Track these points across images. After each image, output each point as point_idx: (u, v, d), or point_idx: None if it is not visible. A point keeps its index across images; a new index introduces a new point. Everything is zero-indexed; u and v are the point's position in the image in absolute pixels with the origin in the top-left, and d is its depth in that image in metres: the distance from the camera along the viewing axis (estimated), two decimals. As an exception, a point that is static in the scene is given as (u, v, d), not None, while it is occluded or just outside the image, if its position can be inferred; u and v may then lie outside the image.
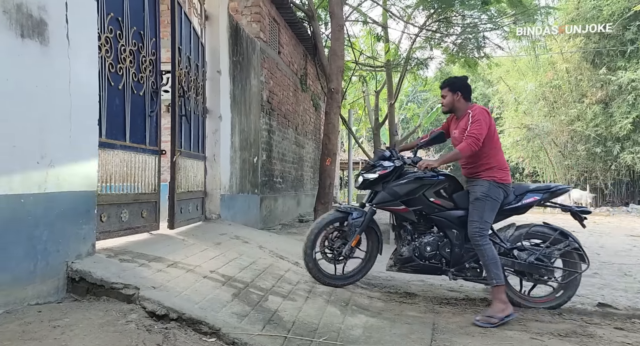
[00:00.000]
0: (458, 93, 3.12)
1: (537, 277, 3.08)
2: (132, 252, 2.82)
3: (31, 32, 2.09)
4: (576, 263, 3.08)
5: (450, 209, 3.14)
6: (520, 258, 3.07)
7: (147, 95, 3.41)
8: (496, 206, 3.01)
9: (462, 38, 9.55)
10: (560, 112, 17.30)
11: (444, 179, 3.17)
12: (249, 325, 2.25)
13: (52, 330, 1.78)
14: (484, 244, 2.92)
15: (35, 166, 2.11)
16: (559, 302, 3.09)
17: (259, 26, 6.61)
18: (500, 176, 3.01)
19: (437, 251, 3.14)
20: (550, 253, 3.07)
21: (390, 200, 3.16)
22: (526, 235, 3.14)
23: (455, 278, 3.17)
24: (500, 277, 2.86)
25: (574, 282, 3.09)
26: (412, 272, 3.25)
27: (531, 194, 3.11)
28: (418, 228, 3.23)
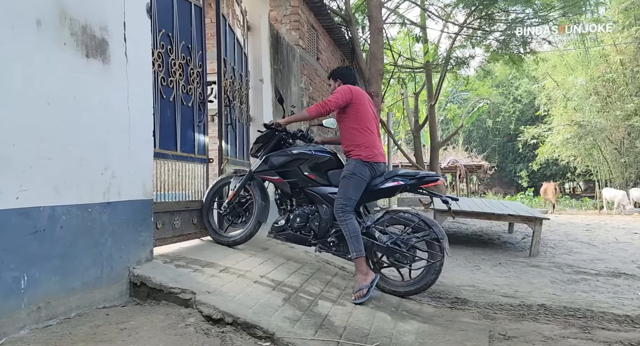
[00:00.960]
0: (338, 80, 3.40)
1: (393, 261, 3.12)
2: (186, 258, 2.93)
3: (94, 52, 2.23)
4: (434, 253, 3.08)
5: (324, 185, 3.26)
6: (380, 240, 3.11)
7: (195, 106, 3.55)
8: (361, 184, 3.12)
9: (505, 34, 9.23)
10: (615, 107, 16.27)
11: (321, 155, 3.29)
12: (302, 330, 2.27)
13: (119, 332, 1.88)
14: (345, 219, 3.05)
15: (99, 177, 2.25)
16: (416, 287, 3.16)
17: (298, 34, 6.70)
18: (365, 155, 3.14)
19: (307, 223, 3.26)
20: (408, 239, 3.09)
21: (266, 169, 3.36)
22: (390, 220, 3.20)
23: (320, 250, 3.28)
24: (360, 250, 3.01)
25: (431, 270, 3.10)
26: (284, 240, 3.40)
27: (397, 177, 3.18)
28: (297, 199, 3.39)
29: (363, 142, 3.17)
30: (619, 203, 14.15)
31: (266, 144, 3.46)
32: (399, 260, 3.11)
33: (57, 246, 2.00)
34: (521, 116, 25.08)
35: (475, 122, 25.26)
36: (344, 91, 3.19)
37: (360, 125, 3.20)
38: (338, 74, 3.46)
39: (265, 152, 3.42)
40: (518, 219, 6.04)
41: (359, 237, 3.04)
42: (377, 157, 3.18)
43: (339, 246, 3.21)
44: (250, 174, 3.49)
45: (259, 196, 3.46)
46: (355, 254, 3.01)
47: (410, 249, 3.09)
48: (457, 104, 24.46)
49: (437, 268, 3.10)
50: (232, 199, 3.53)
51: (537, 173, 23.17)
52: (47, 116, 1.97)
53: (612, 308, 3.14)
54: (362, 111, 3.21)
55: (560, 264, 5.01)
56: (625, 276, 4.37)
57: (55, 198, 1.99)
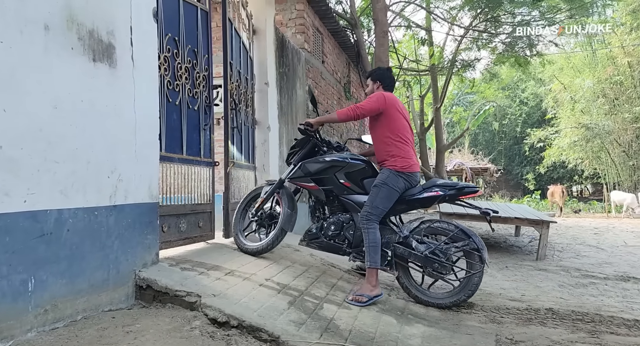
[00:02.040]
0: (378, 82, 3.33)
1: (431, 271, 3.08)
2: (192, 261, 2.93)
3: (101, 56, 2.26)
4: (474, 263, 3.04)
5: (358, 193, 3.23)
6: (417, 250, 3.07)
7: (201, 109, 3.56)
8: (392, 194, 3.07)
9: (511, 37, 9.20)
10: (623, 110, 16.13)
11: (357, 163, 3.26)
12: (307, 333, 2.27)
13: (125, 335, 1.88)
14: (368, 227, 3.02)
15: (106, 180, 2.26)
16: (453, 300, 3.08)
17: (303, 37, 6.73)
18: (400, 165, 3.09)
19: (341, 231, 3.23)
20: (447, 249, 3.04)
21: (301, 176, 3.33)
22: (427, 229, 3.16)
23: (354, 259, 3.25)
24: (375, 261, 2.98)
25: (470, 282, 3.05)
26: (317, 248, 3.36)
27: (436, 188, 3.14)
28: (332, 208, 3.36)
29: (397, 152, 3.11)
30: (628, 206, 13.99)
31: (300, 150, 3.42)
32: (437, 270, 3.05)
33: (64, 249, 2.02)
34: (527, 118, 24.93)
35: (481, 125, 25.14)
36: (377, 98, 3.11)
37: (394, 134, 3.14)
38: (378, 75, 3.36)
39: (300, 158, 3.39)
40: (525, 223, 5.99)
41: (378, 248, 3.00)
42: (412, 168, 3.13)
43: None
44: (280, 182, 3.43)
45: (287, 204, 3.40)
46: (369, 264, 2.98)
47: (449, 259, 3.04)
48: (463, 107, 24.38)
49: (477, 279, 3.06)
50: (260, 207, 3.48)
51: (544, 176, 23.00)
52: (54, 119, 1.99)
53: (621, 312, 3.10)
54: (396, 119, 3.14)
55: (568, 268, 4.96)
56: (634, 280, 4.32)
57: (63, 201, 2.01)
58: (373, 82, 3.34)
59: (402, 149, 3.13)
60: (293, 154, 3.51)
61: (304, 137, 3.43)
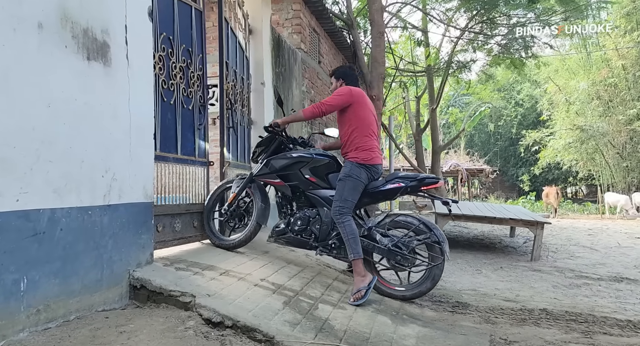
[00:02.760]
0: (341, 79, 3.37)
1: (394, 263, 3.12)
2: (186, 261, 2.92)
3: (96, 55, 2.24)
4: (435, 256, 3.09)
5: (324, 187, 3.27)
6: (381, 243, 3.12)
7: (195, 109, 3.55)
8: (358, 185, 3.12)
9: (507, 38, 9.24)
10: (617, 112, 16.25)
11: (321, 158, 3.30)
12: (301, 333, 2.26)
13: (119, 336, 1.87)
14: (343, 221, 3.05)
15: (100, 180, 2.25)
16: (416, 292, 3.15)
17: (299, 37, 6.73)
18: (362, 157, 3.13)
19: (308, 226, 3.25)
20: (409, 242, 3.10)
21: (267, 173, 3.38)
22: (391, 223, 3.21)
23: (321, 253, 3.26)
24: (357, 251, 3.01)
25: (432, 274, 3.10)
26: (285, 244, 3.39)
27: (398, 180, 3.17)
28: (297, 203, 3.38)
29: (361, 144, 3.17)
30: (622, 207, 14.10)
31: (267, 148, 3.48)
32: (400, 263, 3.10)
33: (57, 248, 2.00)
34: (523, 120, 25.06)
35: (477, 126, 25.23)
36: (343, 93, 3.19)
37: (359, 127, 3.19)
38: (341, 73, 3.42)
39: (266, 156, 3.45)
40: (520, 223, 6.02)
41: (357, 239, 3.05)
42: (373, 160, 3.18)
43: (340, 248, 3.20)
44: (250, 178, 3.49)
45: (259, 199, 3.46)
46: (353, 256, 3.02)
47: (411, 252, 3.09)
48: (458, 108, 24.45)
49: (438, 271, 3.11)
50: (232, 202, 3.53)
51: (539, 177, 23.12)
52: (48, 118, 1.97)
53: (614, 313, 3.13)
54: (362, 113, 3.20)
55: (562, 269, 4.99)
56: (627, 281, 4.35)
57: (56, 201, 2.00)
58: (337, 80, 3.40)
59: (365, 143, 3.18)
60: (260, 152, 3.55)
61: (270, 136, 3.46)
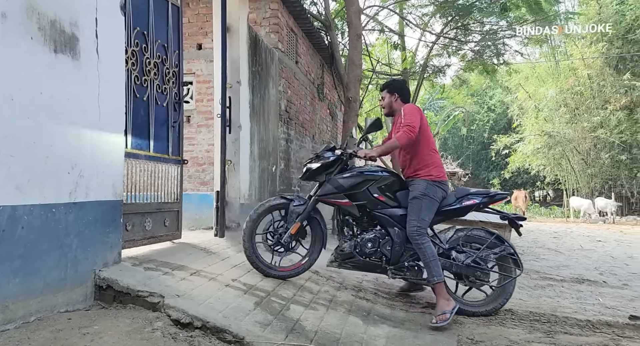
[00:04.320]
0: (395, 94, 3.26)
1: (473, 279, 3.10)
2: (156, 260, 2.86)
3: (64, 47, 2.17)
4: (511, 268, 3.10)
5: (393, 206, 3.15)
6: (458, 260, 3.09)
7: (170, 106, 3.49)
8: (434, 205, 3.05)
9: (480, 45, 9.48)
10: (583, 119, 16.93)
11: (389, 175, 3.20)
12: (272, 334, 2.25)
13: (82, 337, 1.81)
14: (422, 242, 2.96)
15: (66, 176, 2.18)
16: (493, 307, 3.10)
17: (277, 37, 6.70)
18: (436, 174, 3.08)
19: (378, 248, 3.12)
20: (486, 256, 3.10)
21: (334, 192, 3.15)
22: (464, 238, 3.17)
23: (394, 276, 3.14)
24: (440, 274, 2.93)
25: (507, 287, 3.11)
26: (352, 269, 3.21)
27: (471, 196, 3.15)
28: (361, 224, 3.22)
29: (432, 162, 3.09)
30: (585, 211, 14.69)
31: (331, 170, 3.18)
32: (479, 278, 3.06)
33: (17, 247, 1.92)
34: (495, 125, 25.76)
35: (451, 130, 25.78)
36: (416, 111, 3.08)
37: (428, 145, 3.13)
38: (396, 88, 3.28)
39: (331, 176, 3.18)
40: (489, 225, 6.16)
41: (437, 261, 2.94)
42: (445, 177, 3.14)
43: (416, 271, 3.11)
44: (315, 202, 3.19)
45: (321, 222, 3.25)
46: (436, 279, 2.89)
47: (488, 265, 3.07)
48: (433, 112, 24.91)
49: (513, 283, 3.10)
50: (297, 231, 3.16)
51: (509, 181, 23.82)
52: (10, 112, 1.90)
53: (574, 313, 3.25)
54: (426, 130, 3.13)
55: (527, 271, 5.14)
56: (588, 283, 4.53)
57: (17, 197, 1.92)
58: (390, 95, 3.26)
59: (436, 160, 3.13)
60: (317, 171, 3.21)
61: (336, 158, 3.17)
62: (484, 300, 3.18)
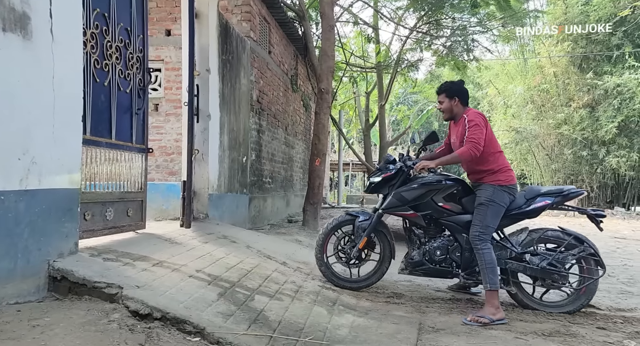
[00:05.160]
0: (455, 98, 3.12)
1: (550, 282, 3.02)
2: (117, 251, 2.78)
3: (13, 26, 2.05)
4: (592, 269, 2.99)
5: (460, 213, 3.12)
6: (532, 263, 3.00)
7: (134, 92, 3.38)
8: (500, 211, 2.98)
9: (451, 40, 9.63)
10: (548, 116, 17.51)
11: (452, 183, 3.16)
12: (234, 325, 2.23)
13: (31, 330, 1.74)
14: (482, 248, 2.92)
15: (16, 162, 2.07)
16: (574, 307, 3.02)
17: (249, 25, 6.58)
18: (504, 179, 2.99)
19: (447, 255, 3.14)
20: (563, 258, 3.00)
21: (399, 205, 3.19)
22: (539, 240, 3.09)
23: (466, 281, 3.16)
24: (494, 282, 2.86)
25: (590, 288, 3.00)
26: (423, 275, 3.28)
27: (542, 198, 3.05)
28: (428, 231, 3.25)
29: (500, 166, 3.01)
30: (548, 204, 15.24)
31: (393, 182, 3.24)
32: (556, 281, 2.99)
33: (-39, 236, 1.82)
34: (466, 120, 26.30)
35: (424, 124, 26.14)
36: (480, 121, 2.97)
37: (493, 148, 3.04)
38: (455, 91, 3.13)
39: (394, 189, 3.21)
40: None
41: (495, 269, 2.90)
42: (513, 180, 3.04)
43: None
44: (380, 216, 3.30)
45: (388, 234, 3.35)
46: (490, 287, 2.85)
47: (565, 267, 2.99)
48: (407, 106, 25.21)
49: (596, 284, 3.00)
50: (365, 246, 3.33)
51: (478, 175, 24.42)
52: (-47, 92, 1.78)
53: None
54: (490, 134, 3.04)
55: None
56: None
57: (-39, 184, 1.81)
58: (450, 99, 3.12)
59: (503, 162, 3.05)
60: (380, 184, 3.29)
61: (397, 170, 3.24)
62: (564, 301, 3.08)
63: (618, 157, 15.66)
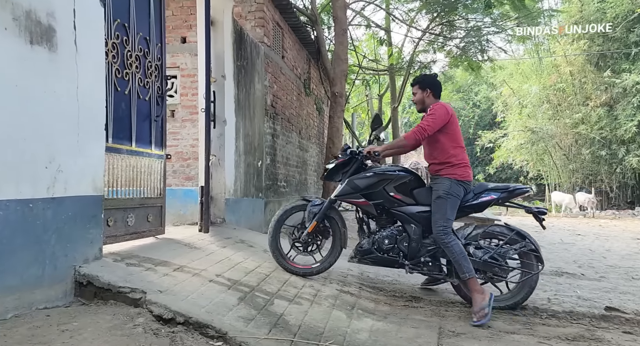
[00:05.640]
0: (428, 90, 3.21)
1: (491, 275, 3.10)
2: (139, 256, 2.83)
3: (40, 39, 2.12)
4: (532, 264, 3.09)
5: (410, 204, 3.19)
6: (475, 256, 3.09)
7: (152, 99, 3.44)
8: (457, 203, 3.07)
9: (465, 41, 9.57)
10: (565, 115, 17.24)
11: (405, 174, 3.23)
12: (255, 329, 2.25)
13: (60, 334, 1.79)
14: (449, 241, 2.98)
15: (43, 171, 2.13)
16: (514, 302, 3.11)
17: (262, 31, 6.64)
18: (460, 174, 3.07)
19: (395, 244, 3.19)
20: (505, 253, 3.09)
21: (351, 193, 3.23)
22: (483, 234, 3.17)
23: (411, 271, 3.21)
24: (470, 270, 2.93)
25: (529, 282, 3.10)
26: (370, 264, 3.30)
27: (489, 192, 3.14)
28: (379, 221, 3.30)
29: (459, 161, 3.08)
30: (566, 206, 15.01)
31: (346, 169, 3.30)
32: (497, 274, 3.06)
33: (-7, 243, 1.88)
34: (480, 120, 26.06)
35: (437, 125, 25.96)
36: (442, 114, 3.04)
37: (455, 143, 3.10)
38: (428, 83, 3.22)
39: (347, 176, 3.26)
40: (473, 221, 6.25)
41: (467, 257, 2.96)
42: (469, 176, 3.11)
43: (433, 265, 3.16)
44: (331, 202, 3.32)
45: (341, 223, 3.36)
46: (468, 275, 2.91)
47: (506, 261, 3.06)
48: (419, 107, 25.04)
49: (535, 278, 3.08)
50: (314, 230, 3.33)
51: (494, 176, 24.16)
52: (-16, 104, 1.85)
53: (553, 305, 3.32)
54: (455, 128, 3.12)
55: (509, 264, 5.24)
56: (567, 276, 4.63)
57: (-8, 192, 1.87)
58: (422, 91, 3.21)
59: (462, 158, 3.11)
60: (333, 172, 3.35)
61: (350, 157, 3.29)
62: (504, 295, 3.16)
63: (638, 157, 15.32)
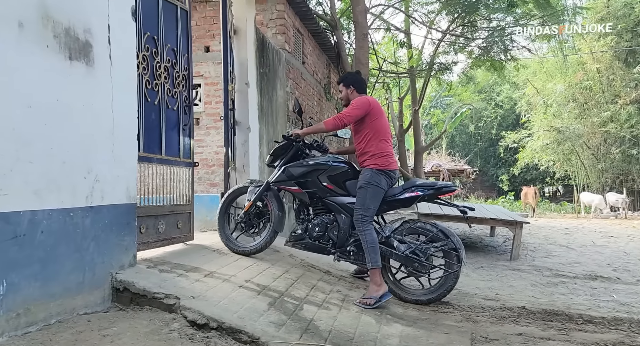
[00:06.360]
0: (351, 87, 3.38)
1: (412, 270, 3.19)
2: (170, 262, 2.90)
3: (78, 54, 2.21)
4: (452, 262, 3.15)
5: (341, 195, 3.30)
6: (398, 250, 3.17)
7: (180, 109, 3.53)
8: (379, 193, 3.16)
9: (487, 41, 9.43)
10: (592, 114, 16.75)
11: (339, 165, 3.32)
12: (287, 334, 2.27)
13: (102, 339, 1.85)
14: (365, 229, 3.10)
15: (82, 181, 2.22)
16: (430, 297, 3.20)
17: (284, 38, 6.72)
18: (381, 163, 3.17)
19: (326, 232, 3.31)
20: (426, 249, 3.16)
21: (285, 180, 3.39)
22: (409, 230, 3.26)
23: (339, 259, 3.33)
24: (376, 261, 3.05)
25: (447, 280, 3.17)
26: (302, 249, 3.42)
27: (415, 188, 3.23)
28: (314, 209, 3.44)
29: (378, 151, 3.21)
30: (596, 207, 14.54)
31: (283, 155, 3.49)
32: (417, 269, 3.17)
33: (37, 251, 1.97)
34: (502, 121, 25.58)
35: (458, 127, 25.64)
36: (362, 104, 3.21)
37: (376, 135, 3.23)
38: (351, 80, 3.42)
39: (283, 163, 3.44)
40: (499, 223, 6.15)
41: (377, 248, 3.09)
42: (391, 165, 3.23)
43: (359, 255, 3.25)
44: (267, 185, 3.48)
45: (276, 207, 3.47)
46: (371, 265, 3.06)
47: (428, 258, 3.16)
48: (440, 109, 24.80)
49: (454, 277, 3.17)
50: (249, 210, 3.52)
51: (518, 177, 23.64)
52: (28, 119, 1.94)
53: (589, 310, 3.23)
54: (378, 120, 3.26)
55: (539, 268, 5.12)
56: (601, 279, 4.50)
57: (36, 202, 1.96)
58: (346, 88, 3.41)
59: (383, 149, 3.22)
60: (275, 157, 3.55)
61: (287, 142, 3.48)
62: (423, 290, 3.29)
63: (672, 155, 14.75)
